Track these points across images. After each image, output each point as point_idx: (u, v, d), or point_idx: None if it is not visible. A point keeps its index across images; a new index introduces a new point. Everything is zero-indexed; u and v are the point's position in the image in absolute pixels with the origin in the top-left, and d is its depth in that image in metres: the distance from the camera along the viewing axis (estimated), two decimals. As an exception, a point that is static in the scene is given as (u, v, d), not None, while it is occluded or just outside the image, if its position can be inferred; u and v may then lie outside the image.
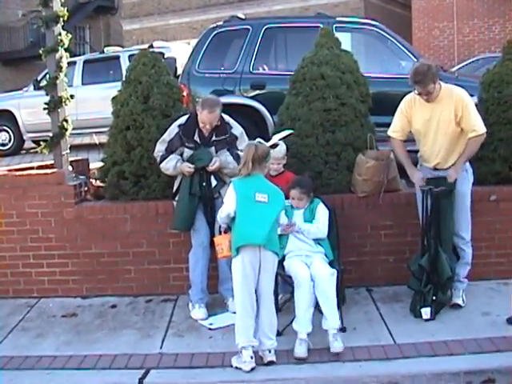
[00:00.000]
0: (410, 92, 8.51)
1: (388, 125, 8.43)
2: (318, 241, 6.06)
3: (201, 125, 6.36)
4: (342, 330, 5.90)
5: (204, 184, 6.41)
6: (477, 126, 6.16)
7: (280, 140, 6.34)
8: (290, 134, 6.48)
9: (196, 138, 6.42)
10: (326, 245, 6.09)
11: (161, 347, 5.93)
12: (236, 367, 5.39)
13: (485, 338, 5.73)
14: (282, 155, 6.52)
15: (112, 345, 6.00)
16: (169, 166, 6.43)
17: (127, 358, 5.72)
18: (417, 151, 6.56)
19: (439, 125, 6.16)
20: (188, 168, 6.33)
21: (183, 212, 6.44)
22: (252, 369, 5.33)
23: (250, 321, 5.41)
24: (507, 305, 6.11)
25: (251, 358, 5.35)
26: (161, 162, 6.50)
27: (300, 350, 5.53)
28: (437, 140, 6.19)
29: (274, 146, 6.16)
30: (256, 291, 5.46)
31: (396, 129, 6.42)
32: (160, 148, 6.52)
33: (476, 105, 7.50)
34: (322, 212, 6.15)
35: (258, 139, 5.69)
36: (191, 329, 6.27)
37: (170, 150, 6.46)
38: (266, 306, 5.48)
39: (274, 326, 5.52)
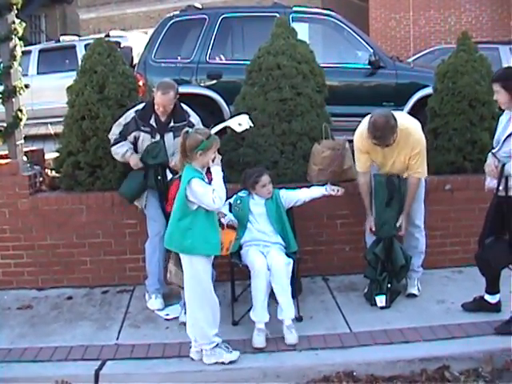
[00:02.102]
0: (365, 82, 8.62)
1: (344, 115, 8.55)
2: (283, 233, 6.07)
3: (156, 107, 6.34)
4: (299, 319, 5.94)
5: (159, 177, 6.38)
6: (422, 170, 6.23)
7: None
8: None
9: (152, 122, 6.38)
10: (290, 236, 6.10)
11: (117, 338, 5.91)
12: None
13: (439, 326, 5.82)
14: None
15: (68, 336, 5.96)
16: (119, 151, 6.42)
17: (83, 350, 5.69)
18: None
19: (395, 164, 6.21)
20: (135, 162, 6.35)
21: (133, 181, 6.45)
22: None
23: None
24: (461, 292, 6.21)
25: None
26: (113, 145, 6.49)
27: (258, 340, 5.56)
28: (393, 168, 6.24)
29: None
30: None
31: (361, 165, 6.37)
32: (115, 131, 6.50)
33: (431, 95, 7.63)
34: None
35: (197, 127, 5.59)
36: (148, 319, 6.25)
37: (124, 135, 6.43)
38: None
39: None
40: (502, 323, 5.67)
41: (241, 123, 5.93)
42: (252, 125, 5.82)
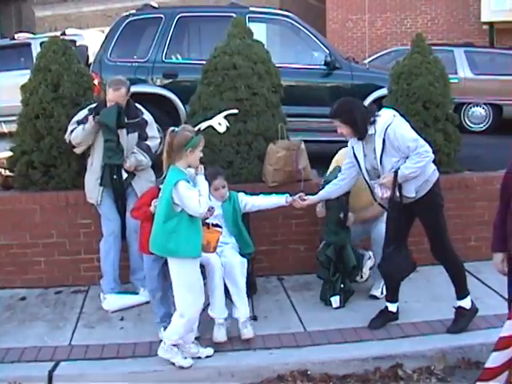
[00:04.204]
0: (321, 82, 8.69)
1: (300, 115, 8.61)
2: (238, 236, 6.06)
3: (108, 104, 6.31)
4: (253, 318, 5.95)
5: (115, 177, 6.35)
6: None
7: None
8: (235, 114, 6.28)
9: None
10: (246, 238, 6.10)
11: (71, 339, 5.86)
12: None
13: (393, 325, 5.88)
14: None
15: (21, 337, 5.89)
16: (77, 133, 6.36)
17: (37, 351, 5.64)
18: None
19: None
20: (91, 118, 6.26)
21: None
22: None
23: None
24: (415, 291, 6.28)
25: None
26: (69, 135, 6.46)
27: (219, 335, 5.57)
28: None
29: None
30: None
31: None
32: (70, 130, 6.47)
33: (386, 96, 7.71)
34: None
35: (184, 125, 5.44)
36: (102, 320, 6.21)
37: None
38: None
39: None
40: (451, 323, 5.75)
41: (220, 123, 5.87)
42: (228, 124, 5.78)
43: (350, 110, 5.54)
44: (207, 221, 5.50)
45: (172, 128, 5.17)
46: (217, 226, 5.60)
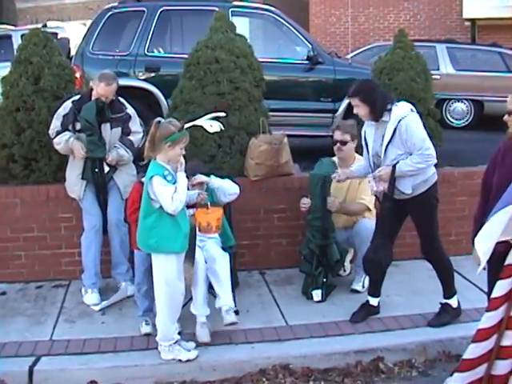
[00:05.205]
0: (303, 77, 8.69)
1: (282, 109, 8.62)
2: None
3: (93, 98, 6.29)
4: (235, 312, 5.94)
5: (96, 170, 6.32)
6: (367, 198, 6.33)
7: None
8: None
9: None
10: (227, 231, 6.08)
11: (52, 334, 5.83)
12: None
13: (374, 318, 5.91)
14: None
15: (1, 333, 5.84)
16: (61, 140, 6.31)
17: (17, 346, 5.59)
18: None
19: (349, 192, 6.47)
20: (80, 148, 6.22)
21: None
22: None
23: None
24: (396, 285, 6.31)
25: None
26: (54, 137, 6.38)
27: (203, 334, 5.54)
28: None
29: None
30: None
31: None
32: (56, 124, 6.39)
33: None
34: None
35: (170, 119, 5.35)
36: (83, 314, 6.19)
37: (65, 126, 6.33)
38: None
39: None
40: (434, 316, 5.79)
41: (212, 125, 5.81)
42: (223, 128, 5.72)
43: (370, 90, 5.57)
44: (201, 202, 5.53)
45: (158, 119, 5.13)
46: (215, 204, 5.63)
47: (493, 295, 4.22)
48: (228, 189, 6.02)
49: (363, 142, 5.76)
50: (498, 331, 4.20)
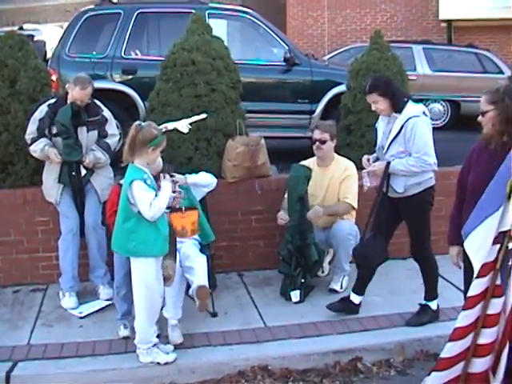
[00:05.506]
0: (280, 79, 8.70)
1: (259, 111, 8.63)
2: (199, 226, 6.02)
3: (68, 101, 6.26)
4: (214, 314, 5.95)
5: (73, 173, 6.29)
6: (352, 196, 6.44)
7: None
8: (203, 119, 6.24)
9: None
10: (206, 226, 6.05)
11: (29, 338, 5.79)
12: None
13: (352, 318, 5.93)
14: None
15: (-22, 338, 5.81)
16: (37, 148, 6.28)
17: (-6, 351, 5.56)
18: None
19: (328, 192, 6.51)
20: (54, 155, 6.20)
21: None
22: None
23: None
24: (374, 286, 6.31)
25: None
26: (31, 144, 6.35)
27: (175, 336, 5.53)
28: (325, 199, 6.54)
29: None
30: None
31: None
32: (32, 129, 6.35)
33: (345, 92, 7.76)
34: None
35: (150, 122, 5.28)
36: (61, 318, 6.15)
37: (42, 130, 6.29)
38: None
39: None
40: (412, 316, 5.81)
41: (183, 125, 5.81)
42: (190, 127, 5.70)
43: (388, 83, 5.61)
44: (177, 206, 5.47)
45: (138, 122, 5.09)
46: (192, 208, 5.61)
47: (469, 294, 4.24)
48: (205, 181, 6.15)
49: (376, 136, 5.83)
50: (475, 330, 4.22)
